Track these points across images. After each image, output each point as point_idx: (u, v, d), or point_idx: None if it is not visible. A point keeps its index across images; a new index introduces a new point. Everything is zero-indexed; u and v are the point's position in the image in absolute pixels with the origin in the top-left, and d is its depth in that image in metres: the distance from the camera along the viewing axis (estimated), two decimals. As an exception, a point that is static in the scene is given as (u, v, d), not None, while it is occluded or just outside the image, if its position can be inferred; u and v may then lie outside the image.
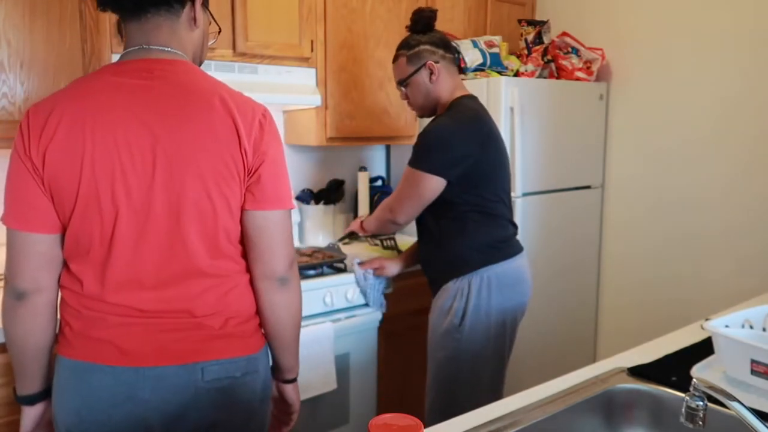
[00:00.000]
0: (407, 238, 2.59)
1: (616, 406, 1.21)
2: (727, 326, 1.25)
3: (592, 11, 2.90)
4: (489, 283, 1.79)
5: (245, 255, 1.19)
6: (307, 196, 2.65)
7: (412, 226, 1.99)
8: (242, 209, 1.15)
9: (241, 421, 1.20)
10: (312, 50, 2.31)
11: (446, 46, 1.88)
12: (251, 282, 1.20)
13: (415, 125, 2.67)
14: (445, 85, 1.87)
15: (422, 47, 1.85)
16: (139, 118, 1.07)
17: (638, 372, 1.25)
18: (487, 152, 1.79)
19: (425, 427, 0.83)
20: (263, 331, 1.25)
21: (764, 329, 1.30)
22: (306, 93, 2.27)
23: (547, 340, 2.72)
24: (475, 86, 2.50)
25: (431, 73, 1.85)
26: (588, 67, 2.74)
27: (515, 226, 1.92)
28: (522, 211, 2.50)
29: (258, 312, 1.22)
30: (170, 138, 1.07)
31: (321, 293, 2.06)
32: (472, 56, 2.56)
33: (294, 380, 1.34)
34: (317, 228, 2.63)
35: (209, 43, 1.29)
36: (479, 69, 2.56)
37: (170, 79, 1.11)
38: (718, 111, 2.51)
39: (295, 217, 2.59)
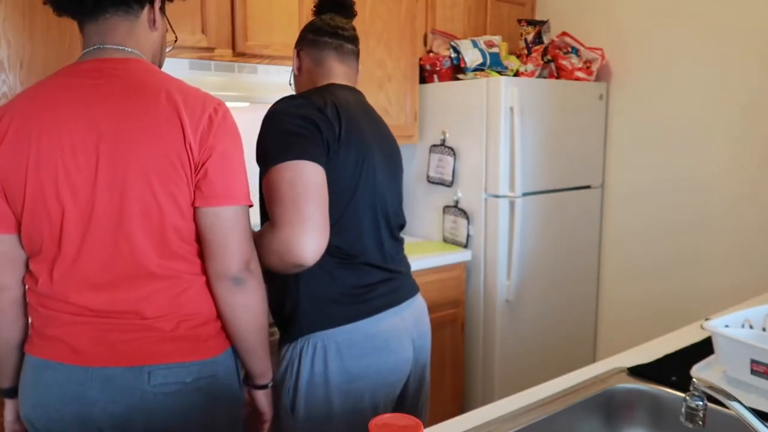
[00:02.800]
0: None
1: (616, 406, 1.21)
2: (727, 326, 1.25)
3: (592, 11, 2.90)
4: (325, 353, 1.32)
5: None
6: (307, 196, 2.63)
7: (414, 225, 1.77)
8: (193, 206, 1.11)
9: (199, 429, 1.16)
10: (312, 50, 2.31)
11: (317, 29, 1.48)
12: (207, 282, 1.16)
13: (415, 125, 2.67)
14: (309, 75, 1.49)
15: (300, 35, 1.53)
16: (84, 117, 1.07)
17: (638, 372, 1.25)
18: (347, 152, 1.32)
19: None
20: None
21: (764, 329, 1.30)
22: (306, 93, 2.27)
23: (547, 340, 2.72)
24: (475, 86, 2.50)
25: (294, 62, 1.53)
26: (588, 67, 2.74)
27: (392, 270, 1.42)
28: (522, 210, 2.50)
29: (218, 314, 1.19)
30: (114, 136, 1.06)
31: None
32: (472, 56, 2.56)
33: (265, 387, 1.29)
34: (317, 228, 2.62)
35: (166, 50, 1.29)
36: (479, 69, 2.56)
37: (119, 77, 1.10)
38: (718, 110, 2.51)
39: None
